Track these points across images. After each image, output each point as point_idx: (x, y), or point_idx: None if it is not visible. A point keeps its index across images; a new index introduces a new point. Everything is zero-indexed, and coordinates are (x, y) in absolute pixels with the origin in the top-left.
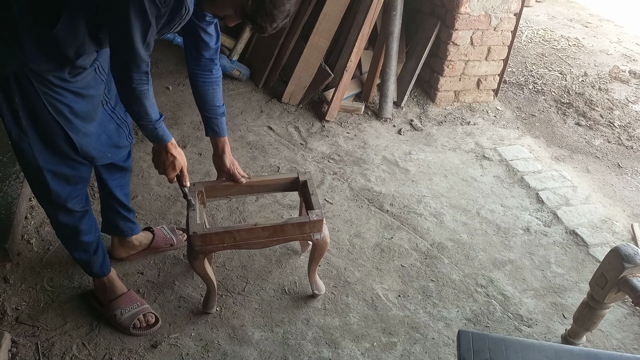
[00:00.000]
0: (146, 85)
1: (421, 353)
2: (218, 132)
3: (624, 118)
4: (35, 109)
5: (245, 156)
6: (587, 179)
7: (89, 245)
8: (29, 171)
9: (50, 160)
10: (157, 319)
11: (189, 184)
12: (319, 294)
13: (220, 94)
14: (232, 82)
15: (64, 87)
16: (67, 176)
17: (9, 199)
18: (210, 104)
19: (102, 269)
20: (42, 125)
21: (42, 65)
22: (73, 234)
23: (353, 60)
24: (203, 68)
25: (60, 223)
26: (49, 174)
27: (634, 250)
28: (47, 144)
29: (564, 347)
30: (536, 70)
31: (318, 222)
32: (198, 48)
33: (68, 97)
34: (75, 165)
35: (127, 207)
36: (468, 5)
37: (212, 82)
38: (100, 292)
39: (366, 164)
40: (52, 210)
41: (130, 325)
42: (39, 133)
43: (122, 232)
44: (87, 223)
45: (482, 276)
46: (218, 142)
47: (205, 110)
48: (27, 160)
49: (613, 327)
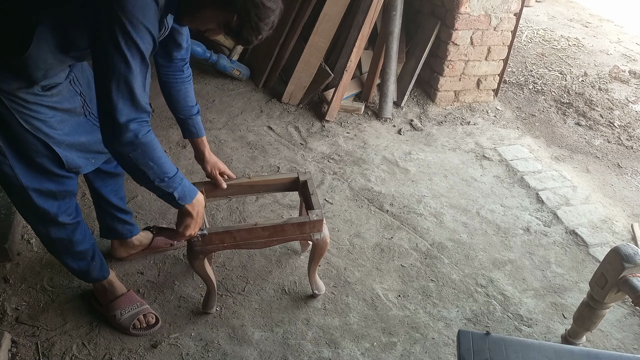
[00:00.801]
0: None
1: (421, 353)
2: (195, 132)
3: (624, 118)
4: (10, 129)
5: (245, 156)
6: (587, 179)
7: (85, 253)
8: (14, 193)
9: (34, 179)
10: (157, 319)
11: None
12: (319, 294)
13: (193, 93)
14: (232, 82)
15: (38, 103)
16: (54, 192)
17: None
18: (183, 104)
19: (101, 272)
20: (21, 144)
21: (13, 84)
22: (67, 246)
23: (353, 60)
24: (175, 69)
25: (53, 239)
26: (34, 192)
27: (634, 250)
28: (28, 162)
29: (564, 347)
30: (536, 70)
31: (318, 222)
32: (169, 50)
33: (44, 113)
34: (60, 179)
35: (123, 211)
36: (468, 5)
37: (185, 81)
38: (100, 294)
39: (366, 163)
40: (42, 227)
41: (130, 325)
42: (18, 152)
43: (121, 235)
44: (80, 233)
45: (482, 276)
46: (196, 143)
47: (180, 113)
48: (10, 183)
49: (613, 327)
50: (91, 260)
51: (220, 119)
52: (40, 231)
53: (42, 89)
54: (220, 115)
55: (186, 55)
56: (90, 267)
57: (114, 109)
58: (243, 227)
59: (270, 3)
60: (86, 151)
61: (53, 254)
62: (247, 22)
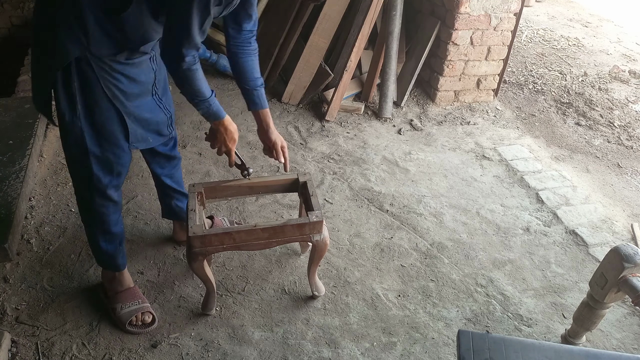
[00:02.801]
0: (197, 64)
1: (421, 353)
2: (259, 103)
3: (624, 118)
4: (92, 93)
5: (245, 156)
6: (587, 178)
7: (116, 236)
8: (75, 155)
9: (97, 146)
10: (154, 320)
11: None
12: (319, 295)
13: (258, 66)
14: (232, 82)
15: (120, 72)
16: (112, 163)
17: (9, 199)
18: (250, 76)
19: (123, 260)
20: (98, 109)
21: (104, 49)
22: (103, 222)
23: (353, 60)
24: (243, 41)
25: (93, 209)
26: (94, 158)
27: (634, 250)
28: (99, 129)
29: (563, 347)
30: (536, 70)
31: (318, 224)
32: (239, 21)
33: (123, 82)
34: (121, 153)
35: (181, 192)
36: (468, 5)
37: (251, 53)
38: (108, 283)
39: (366, 163)
40: (89, 194)
41: (127, 321)
42: (92, 117)
43: (179, 216)
44: (116, 214)
45: (482, 276)
46: (260, 115)
47: (246, 83)
48: (76, 144)
49: (613, 327)
50: (119, 245)
51: None
52: (86, 200)
53: (126, 60)
54: None
55: (254, 27)
56: (117, 251)
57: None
58: (243, 229)
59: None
60: (147, 129)
61: (89, 229)
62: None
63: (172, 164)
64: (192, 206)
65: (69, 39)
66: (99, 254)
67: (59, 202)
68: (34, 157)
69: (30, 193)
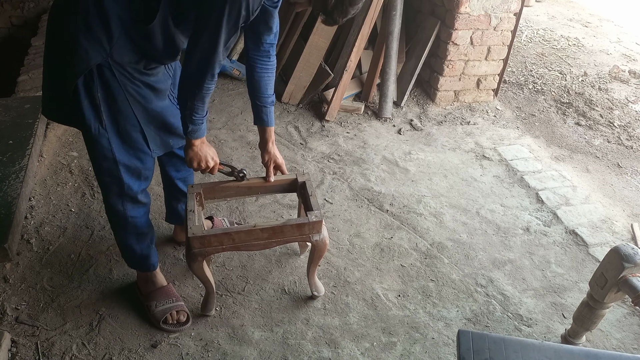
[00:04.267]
0: (214, 85)
1: (421, 353)
2: (266, 121)
3: (624, 118)
4: (116, 102)
5: (245, 156)
6: (587, 178)
7: (148, 236)
8: (104, 166)
9: (125, 154)
10: (188, 319)
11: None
12: (318, 295)
13: (273, 83)
14: (232, 81)
15: (141, 80)
16: (139, 169)
17: (9, 199)
18: (262, 92)
19: (155, 259)
20: (122, 118)
21: (126, 56)
22: (136, 226)
23: (353, 60)
24: (262, 54)
25: (128, 216)
26: (124, 167)
27: (634, 250)
28: (125, 137)
29: (563, 346)
30: (536, 70)
31: (317, 224)
32: (259, 33)
33: (144, 90)
34: (145, 157)
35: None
36: (468, 5)
37: (269, 69)
38: (142, 283)
39: (366, 163)
40: (121, 204)
41: (161, 318)
42: (118, 126)
43: (183, 221)
44: (147, 215)
45: (482, 276)
46: (264, 131)
47: (257, 99)
48: (104, 155)
49: (613, 327)
50: (150, 244)
51: (220, 118)
52: (118, 209)
53: (145, 68)
54: (220, 115)
55: (274, 40)
56: (151, 252)
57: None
58: (242, 229)
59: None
60: (168, 132)
61: (122, 235)
62: (340, 5)
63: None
64: (191, 207)
65: (91, 44)
66: (132, 258)
67: (59, 202)
68: (33, 157)
69: (30, 193)
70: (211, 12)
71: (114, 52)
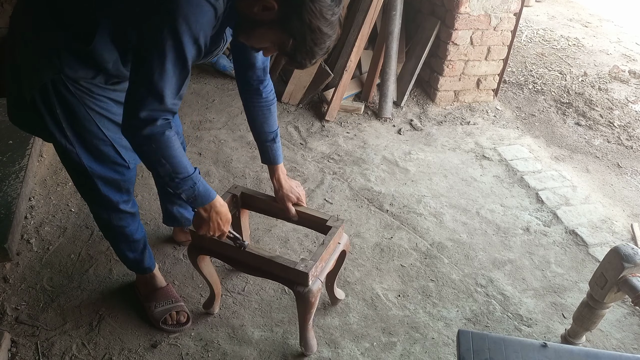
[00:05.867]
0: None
1: (421, 353)
2: (269, 159)
3: (624, 118)
4: (77, 117)
5: (245, 156)
6: (587, 178)
7: (139, 243)
8: (80, 180)
9: (99, 167)
10: (188, 319)
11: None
12: (308, 354)
13: (273, 120)
14: (232, 82)
15: (104, 95)
16: (117, 181)
17: (9, 199)
18: (260, 129)
19: (150, 262)
20: (87, 133)
21: (79, 72)
22: (124, 234)
23: (353, 60)
24: (252, 92)
25: (114, 226)
26: (100, 180)
27: (634, 250)
28: (93, 152)
29: (563, 347)
30: (536, 70)
31: (302, 275)
32: (244, 67)
33: (109, 104)
34: (123, 170)
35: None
36: (468, 5)
37: (262, 107)
38: (141, 285)
39: (366, 163)
40: (105, 214)
41: (161, 319)
42: (84, 142)
43: (180, 223)
44: (136, 223)
45: (482, 276)
46: (272, 169)
47: (255, 136)
48: (76, 170)
49: (613, 327)
50: (143, 250)
51: (220, 118)
52: (103, 218)
53: (105, 83)
54: (220, 115)
55: (263, 76)
56: (143, 257)
57: (139, 101)
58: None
59: (328, 29)
60: None
61: (112, 241)
62: (302, 46)
63: None
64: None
65: (42, 61)
66: (127, 262)
67: (59, 202)
68: (33, 157)
69: (30, 193)
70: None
71: (65, 67)
